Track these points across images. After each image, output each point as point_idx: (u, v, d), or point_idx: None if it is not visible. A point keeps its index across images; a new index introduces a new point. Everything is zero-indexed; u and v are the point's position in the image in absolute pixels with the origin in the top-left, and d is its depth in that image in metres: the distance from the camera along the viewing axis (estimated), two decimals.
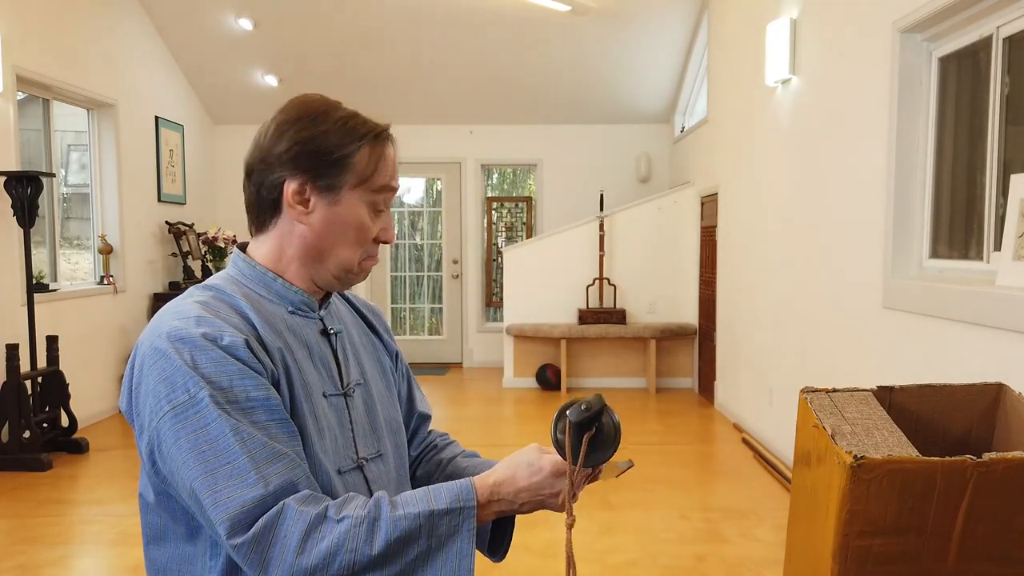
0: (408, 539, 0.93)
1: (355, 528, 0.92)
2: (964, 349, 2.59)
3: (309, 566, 0.90)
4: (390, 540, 0.92)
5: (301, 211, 1.07)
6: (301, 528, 0.91)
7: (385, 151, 1.10)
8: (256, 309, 1.05)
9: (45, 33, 4.99)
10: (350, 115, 1.10)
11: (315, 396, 1.06)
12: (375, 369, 1.21)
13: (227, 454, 0.92)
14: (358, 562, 0.91)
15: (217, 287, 1.07)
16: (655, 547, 3.21)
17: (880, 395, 1.37)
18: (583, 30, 6.36)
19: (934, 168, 3.03)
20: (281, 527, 0.91)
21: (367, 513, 0.94)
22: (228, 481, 0.91)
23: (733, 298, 5.35)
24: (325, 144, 1.05)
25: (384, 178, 1.09)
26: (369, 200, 1.09)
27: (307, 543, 0.90)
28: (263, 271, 1.09)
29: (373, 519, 0.93)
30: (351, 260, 1.09)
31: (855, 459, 1.10)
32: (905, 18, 2.96)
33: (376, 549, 0.92)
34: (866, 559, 1.13)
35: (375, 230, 1.11)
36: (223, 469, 0.91)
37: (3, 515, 3.65)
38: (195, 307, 1.00)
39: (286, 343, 1.05)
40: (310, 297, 1.12)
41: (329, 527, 0.92)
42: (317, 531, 0.91)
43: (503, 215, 8.00)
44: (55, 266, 5.26)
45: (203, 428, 0.92)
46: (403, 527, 0.93)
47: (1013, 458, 1.11)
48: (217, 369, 0.95)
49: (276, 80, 7.02)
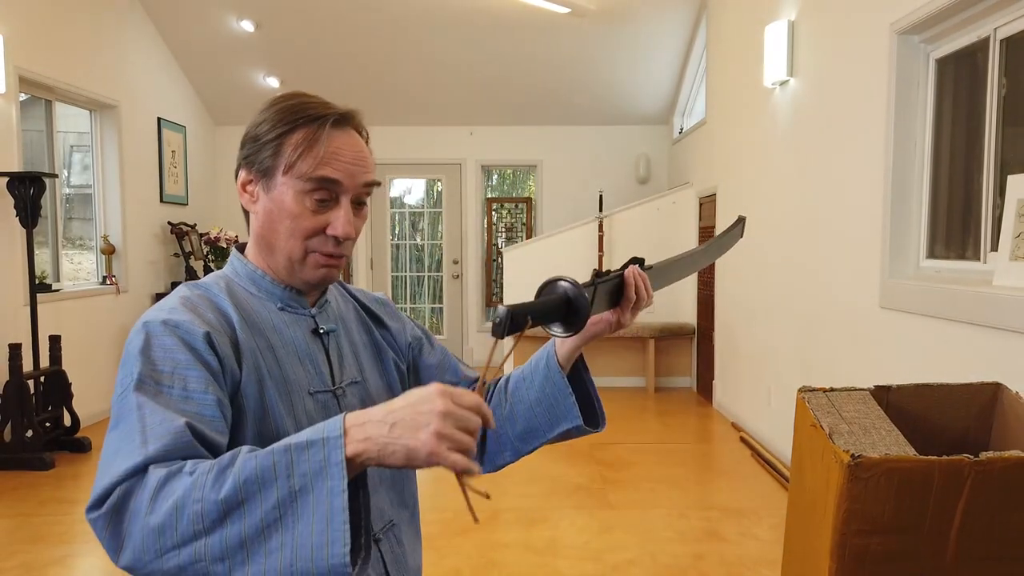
0: (262, 480, 0.78)
1: (203, 476, 0.79)
2: (961, 349, 2.61)
3: (158, 524, 0.78)
4: (239, 481, 0.77)
5: (249, 199, 1.06)
6: (152, 487, 0.79)
7: (319, 135, 1.01)
8: (241, 306, 1.04)
9: (48, 35, 5.00)
10: (303, 101, 1.04)
11: (295, 394, 1.03)
12: (375, 369, 1.20)
13: (130, 433, 0.85)
14: (206, 512, 0.77)
15: (204, 284, 1.07)
16: (654, 546, 3.22)
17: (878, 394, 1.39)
18: (582, 32, 6.37)
19: (931, 169, 3.05)
20: (137, 491, 0.80)
21: (218, 461, 0.80)
22: (114, 458, 0.84)
23: (731, 298, 5.37)
24: (263, 129, 1.03)
25: (311, 165, 1.00)
26: (301, 188, 1.01)
27: (155, 500, 0.79)
28: (253, 268, 1.09)
29: (224, 466, 0.79)
30: (294, 252, 1.04)
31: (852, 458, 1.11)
32: (902, 20, 2.97)
33: (223, 492, 0.77)
34: (864, 557, 1.14)
35: (316, 221, 1.02)
36: (123, 448, 0.84)
37: (6, 514, 3.66)
38: (175, 300, 1.01)
39: (267, 341, 1.03)
40: (296, 293, 1.09)
41: (179, 480, 0.79)
42: (167, 486, 0.79)
43: (503, 216, 8.01)
44: (58, 266, 5.27)
45: (125, 410, 0.88)
46: (253, 466, 0.78)
47: (1010, 457, 1.12)
48: (164, 355, 0.92)
49: (277, 81, 7.03)
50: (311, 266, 1.05)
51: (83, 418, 5.01)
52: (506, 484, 3.99)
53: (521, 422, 1.16)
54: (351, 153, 1.03)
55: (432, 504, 3.37)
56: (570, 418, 1.12)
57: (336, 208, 1.03)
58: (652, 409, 5.85)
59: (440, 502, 3.51)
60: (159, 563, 0.79)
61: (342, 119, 1.03)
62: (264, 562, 0.78)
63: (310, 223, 1.02)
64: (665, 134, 7.68)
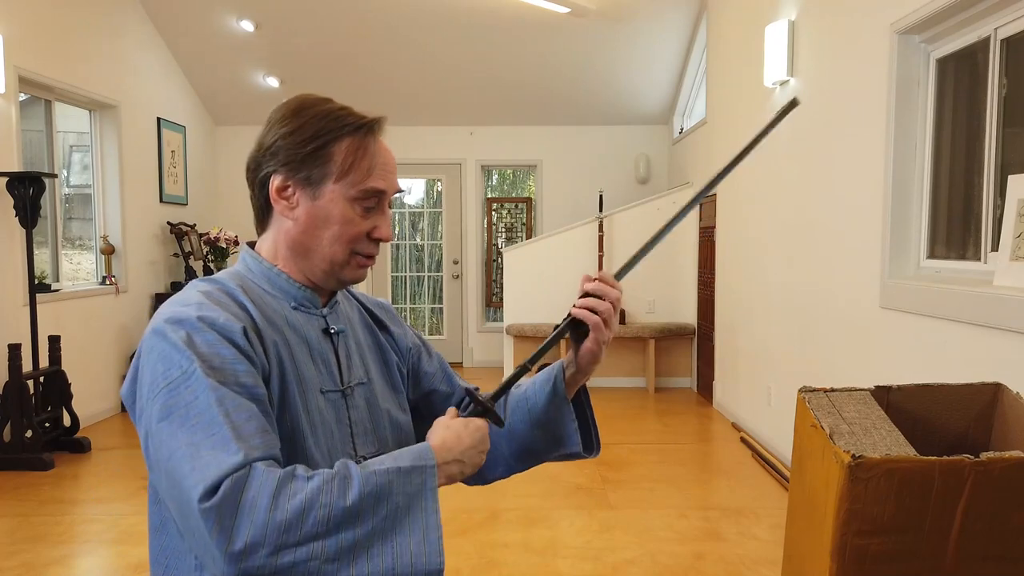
0: (380, 494, 0.92)
1: (327, 484, 0.90)
2: (962, 349, 2.61)
3: (284, 520, 0.87)
4: (363, 493, 0.90)
5: (286, 206, 1.07)
6: (271, 486, 0.88)
7: (367, 144, 1.06)
8: (257, 303, 1.05)
9: (48, 35, 5.00)
10: (336, 108, 1.07)
11: (310, 392, 1.06)
12: (380, 370, 1.21)
13: (212, 426, 0.90)
14: (333, 516, 0.89)
15: (220, 280, 1.07)
16: (654, 546, 3.22)
17: (878, 395, 1.38)
18: (582, 32, 6.37)
19: (932, 169, 3.05)
20: (251, 485, 0.87)
21: (337, 471, 0.92)
22: (210, 452, 0.89)
23: (732, 298, 5.36)
24: (303, 136, 1.04)
25: (363, 175, 1.06)
26: (352, 196, 1.06)
27: (279, 499, 0.87)
28: (268, 266, 1.10)
29: (344, 476, 0.92)
30: (337, 256, 1.08)
31: (853, 458, 1.11)
32: (903, 20, 2.97)
33: (350, 500, 0.89)
34: (864, 558, 1.14)
35: (364, 226, 1.08)
36: (207, 441, 0.89)
37: (6, 514, 3.66)
38: (197, 295, 1.01)
39: (284, 338, 1.05)
40: (312, 293, 1.11)
41: (300, 483, 0.89)
42: (288, 487, 0.88)
43: (503, 216, 8.00)
44: (57, 266, 5.27)
45: (193, 401, 0.91)
46: (374, 482, 0.92)
47: (1010, 457, 1.12)
48: (211, 350, 0.94)
49: (277, 81, 7.02)
50: (353, 267, 1.10)
51: (83, 418, 5.01)
52: (506, 484, 3.97)
53: (519, 442, 1.22)
54: (392, 163, 1.10)
55: None
56: (570, 445, 1.22)
57: (379, 214, 1.10)
58: (652, 409, 5.85)
59: (440, 502, 3.50)
60: (274, 558, 0.86)
61: (378, 126, 1.08)
62: (368, 564, 0.91)
63: (359, 229, 1.08)
64: (665, 134, 7.68)
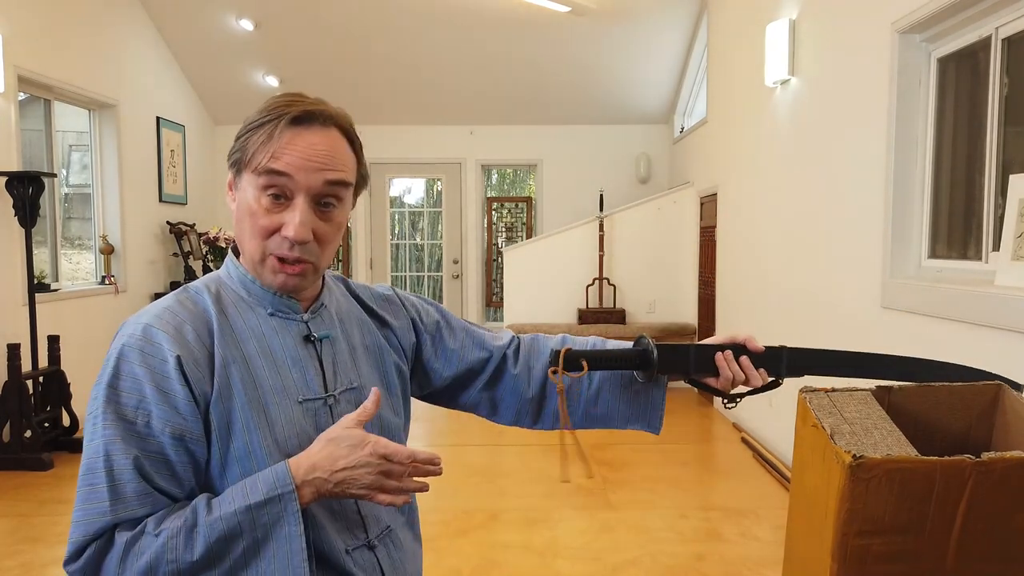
0: (230, 538, 0.91)
1: (172, 539, 0.90)
2: (963, 349, 2.60)
3: None
4: (210, 543, 0.90)
5: (231, 200, 1.05)
6: (119, 549, 0.90)
7: (278, 130, 0.97)
8: (228, 311, 1.02)
9: (47, 34, 5.00)
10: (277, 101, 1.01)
11: (279, 405, 1.01)
12: (374, 371, 1.16)
13: (94, 474, 0.93)
14: (182, 571, 0.90)
15: (195, 288, 1.05)
16: (655, 546, 3.22)
17: (879, 395, 1.38)
18: (583, 31, 6.37)
19: (933, 168, 3.04)
20: (111, 554, 0.91)
21: (183, 522, 0.91)
22: (85, 505, 0.93)
23: (732, 298, 5.36)
24: (242, 129, 1.02)
25: (265, 158, 0.97)
26: (259, 185, 0.98)
27: (125, 562, 0.90)
28: (244, 272, 1.05)
29: (191, 527, 0.91)
30: (255, 254, 1.01)
31: (854, 458, 1.10)
32: (904, 19, 2.96)
33: (197, 554, 0.90)
34: (865, 558, 1.14)
35: (270, 220, 0.99)
36: (86, 488, 0.93)
37: (5, 514, 3.66)
38: (164, 305, 1.01)
39: (242, 354, 1.00)
40: (288, 299, 1.05)
41: (147, 541, 0.91)
42: (135, 547, 0.90)
43: (503, 215, 8.01)
44: (56, 266, 5.27)
45: (90, 443, 0.95)
46: (220, 528, 0.91)
47: (1012, 458, 1.12)
48: (132, 386, 0.94)
49: (277, 81, 7.02)
50: (269, 270, 1.02)
51: (82, 418, 5.01)
52: (506, 484, 3.98)
53: (602, 407, 1.28)
54: (305, 147, 0.98)
55: (433, 505, 3.36)
56: (650, 424, 1.29)
57: (290, 209, 0.98)
58: None
59: (440, 503, 3.50)
60: None
61: (305, 115, 0.99)
62: None
63: (265, 221, 0.99)
64: (666, 133, 7.68)
